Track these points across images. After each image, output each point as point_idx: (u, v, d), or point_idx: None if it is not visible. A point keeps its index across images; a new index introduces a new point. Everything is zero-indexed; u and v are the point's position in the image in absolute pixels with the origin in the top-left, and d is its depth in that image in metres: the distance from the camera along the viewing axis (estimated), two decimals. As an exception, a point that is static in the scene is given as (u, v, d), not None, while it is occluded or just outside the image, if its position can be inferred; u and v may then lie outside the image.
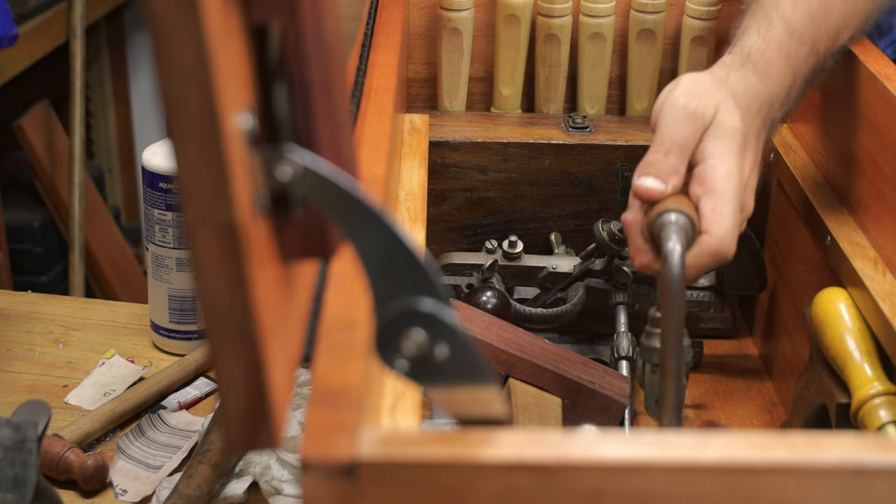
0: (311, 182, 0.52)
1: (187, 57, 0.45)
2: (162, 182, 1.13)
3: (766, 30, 0.94)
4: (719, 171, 0.87)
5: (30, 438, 0.86)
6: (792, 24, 0.94)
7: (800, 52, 0.95)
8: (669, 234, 0.84)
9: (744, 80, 0.92)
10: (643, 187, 0.87)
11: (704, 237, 0.86)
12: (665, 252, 0.83)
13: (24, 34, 1.85)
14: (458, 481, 0.53)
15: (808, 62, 0.95)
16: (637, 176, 0.88)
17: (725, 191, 0.86)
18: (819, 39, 0.96)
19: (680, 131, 0.87)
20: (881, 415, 0.85)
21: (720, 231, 0.86)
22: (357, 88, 0.94)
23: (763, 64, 0.93)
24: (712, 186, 0.86)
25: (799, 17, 0.95)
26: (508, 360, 0.98)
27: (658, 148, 0.88)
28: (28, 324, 1.22)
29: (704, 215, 0.86)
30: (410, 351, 0.55)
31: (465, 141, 1.18)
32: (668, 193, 0.87)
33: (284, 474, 0.95)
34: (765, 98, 0.92)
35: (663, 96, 0.90)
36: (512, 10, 1.22)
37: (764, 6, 0.97)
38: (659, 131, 0.88)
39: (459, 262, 1.15)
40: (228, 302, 0.50)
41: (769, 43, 0.94)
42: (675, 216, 0.85)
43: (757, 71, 0.92)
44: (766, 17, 0.95)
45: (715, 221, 0.86)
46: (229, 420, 0.52)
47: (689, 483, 0.54)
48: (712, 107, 0.88)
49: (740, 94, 0.91)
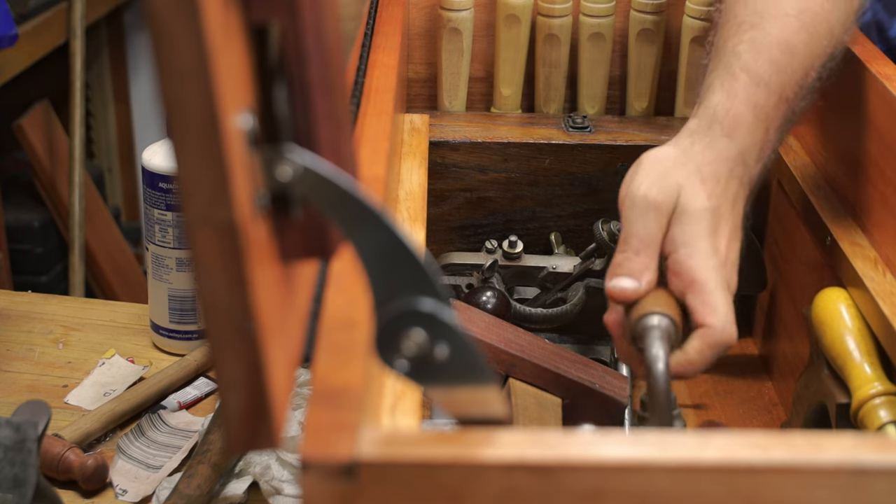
0: (311, 182, 0.52)
1: (187, 57, 0.45)
2: (162, 182, 1.13)
3: (730, 84, 0.90)
4: (694, 260, 0.84)
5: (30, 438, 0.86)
6: (756, 73, 0.90)
7: (768, 102, 0.90)
8: (652, 340, 0.82)
9: (711, 146, 0.88)
10: (617, 289, 0.85)
11: (704, 331, 0.83)
12: (649, 359, 0.81)
13: (24, 34, 1.85)
14: (458, 481, 0.53)
15: (778, 110, 0.91)
16: (609, 277, 0.86)
17: (708, 279, 0.83)
18: (787, 85, 0.92)
19: (644, 227, 0.85)
20: (881, 415, 0.85)
21: (717, 321, 0.83)
22: (357, 88, 0.94)
23: (730, 122, 0.89)
24: (692, 278, 0.83)
25: (762, 66, 0.91)
26: (508, 360, 0.98)
27: (625, 247, 0.85)
28: (28, 324, 1.22)
29: (696, 309, 0.83)
30: (410, 351, 0.55)
31: (465, 141, 1.18)
32: (642, 291, 0.85)
33: (284, 474, 0.95)
34: (736, 158, 0.88)
35: (626, 183, 0.87)
36: (512, 10, 1.22)
37: (724, 60, 0.92)
38: (624, 228, 0.86)
39: (459, 262, 1.15)
40: (228, 302, 0.50)
41: (735, 98, 0.89)
42: (658, 319, 0.82)
43: (724, 131, 0.88)
44: (728, 71, 0.91)
45: (708, 313, 0.83)
46: (229, 420, 0.52)
47: (689, 483, 0.54)
48: (674, 190, 0.85)
49: (707, 162, 0.87)
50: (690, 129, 0.90)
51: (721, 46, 0.94)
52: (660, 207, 0.85)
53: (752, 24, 0.93)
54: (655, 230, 0.85)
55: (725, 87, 0.90)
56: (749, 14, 0.94)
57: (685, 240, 0.84)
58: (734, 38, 0.93)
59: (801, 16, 0.94)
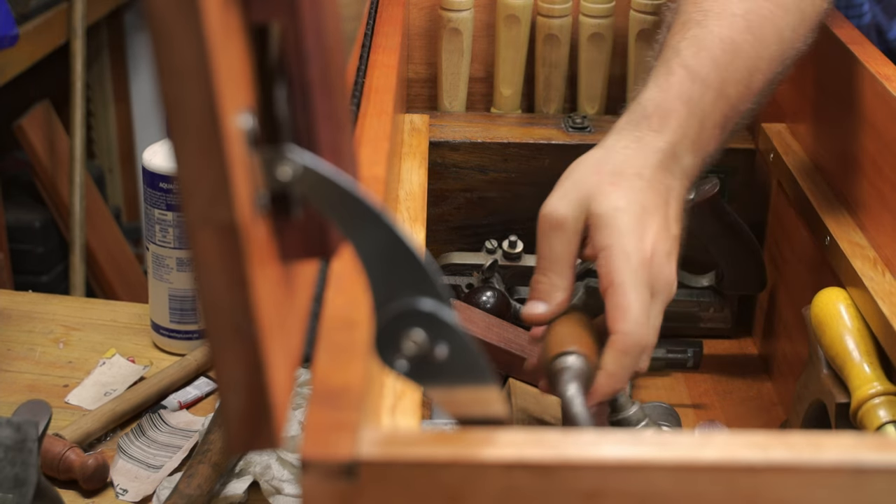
0: (311, 182, 0.52)
1: (187, 57, 0.45)
2: (162, 182, 1.13)
3: (665, 79, 0.90)
4: (612, 262, 0.82)
5: (30, 438, 0.86)
6: (693, 69, 0.90)
7: (704, 97, 0.89)
8: (566, 382, 0.80)
9: (638, 141, 0.87)
10: (525, 314, 0.86)
11: (613, 338, 0.82)
12: (564, 402, 0.80)
13: (24, 34, 1.85)
14: (458, 481, 0.53)
15: (716, 107, 0.90)
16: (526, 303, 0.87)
17: (623, 281, 0.82)
18: (727, 82, 0.91)
19: (549, 246, 0.85)
20: (880, 414, 0.85)
21: (625, 326, 0.81)
22: (357, 88, 0.94)
23: (660, 116, 0.88)
24: (609, 280, 0.82)
25: (701, 62, 0.90)
26: (508, 360, 0.98)
27: (536, 269, 0.86)
28: (29, 323, 1.22)
29: (609, 315, 0.82)
30: (410, 351, 0.55)
31: (465, 141, 1.18)
32: (551, 312, 0.85)
33: (285, 474, 0.95)
34: (666, 150, 0.87)
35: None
36: (512, 10, 1.22)
37: (665, 56, 0.92)
38: (536, 248, 0.87)
39: (459, 262, 1.15)
40: (228, 302, 0.50)
41: (668, 92, 0.89)
42: (570, 360, 0.81)
43: (653, 126, 0.88)
44: (666, 66, 0.91)
45: (618, 318, 0.82)
46: (229, 420, 0.52)
47: (688, 483, 0.54)
48: (583, 201, 0.85)
49: (628, 159, 0.87)
50: (618, 127, 0.90)
51: (665, 44, 0.94)
52: (563, 224, 0.85)
53: (697, 21, 0.93)
54: (560, 248, 0.85)
55: (659, 83, 0.90)
56: (695, 12, 0.94)
57: (603, 243, 0.83)
58: (678, 36, 0.93)
59: (748, 16, 0.93)
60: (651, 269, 0.83)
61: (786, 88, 1.19)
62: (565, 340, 0.83)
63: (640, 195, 0.85)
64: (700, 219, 1.08)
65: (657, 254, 0.84)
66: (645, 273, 0.83)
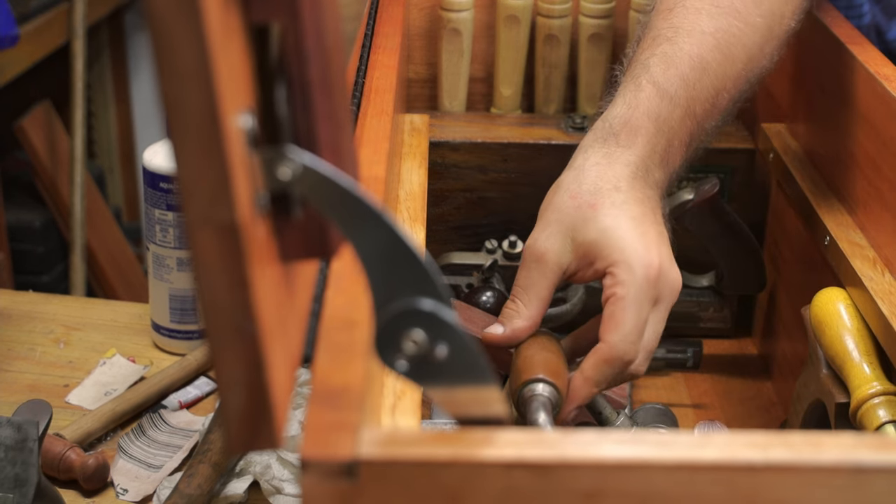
0: (311, 182, 0.52)
1: (187, 57, 0.45)
2: (162, 182, 1.13)
3: (633, 95, 0.90)
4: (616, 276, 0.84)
5: (31, 438, 0.87)
6: (662, 86, 0.90)
7: (672, 115, 0.90)
8: (534, 409, 0.81)
9: (607, 157, 0.89)
10: (483, 334, 0.89)
11: (600, 346, 0.84)
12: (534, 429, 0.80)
13: (25, 34, 1.85)
14: (458, 481, 0.53)
15: (683, 125, 0.91)
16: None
17: (626, 295, 0.84)
18: (695, 101, 0.91)
19: (526, 276, 0.88)
20: (880, 414, 0.85)
21: (614, 338, 0.83)
22: (357, 89, 0.94)
23: (627, 133, 0.89)
24: (611, 292, 0.84)
25: (670, 79, 0.91)
26: (508, 360, 0.98)
27: (510, 295, 0.89)
28: (29, 323, 1.22)
29: (603, 320, 0.84)
30: (410, 351, 0.55)
31: (465, 141, 1.18)
32: (506, 337, 0.88)
33: (285, 474, 0.95)
34: (637, 163, 0.88)
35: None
36: (512, 10, 1.22)
37: (634, 72, 0.93)
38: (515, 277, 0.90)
39: (459, 262, 1.15)
40: (228, 302, 0.50)
41: (636, 109, 0.90)
42: (538, 387, 0.82)
43: (620, 142, 0.89)
44: (635, 82, 0.91)
45: (610, 328, 0.84)
46: (229, 420, 0.52)
47: (688, 483, 0.54)
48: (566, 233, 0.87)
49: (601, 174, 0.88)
50: (585, 145, 0.91)
51: (634, 59, 0.94)
52: (543, 257, 0.87)
53: (667, 38, 0.93)
54: (535, 279, 0.87)
55: (628, 99, 0.91)
56: (665, 28, 0.94)
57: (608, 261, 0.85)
58: (647, 52, 0.93)
59: (717, 35, 0.93)
60: (658, 281, 0.85)
61: (786, 88, 1.19)
62: (534, 367, 0.84)
63: (623, 208, 0.86)
64: (700, 219, 1.08)
65: (664, 260, 0.86)
66: (649, 288, 0.84)
